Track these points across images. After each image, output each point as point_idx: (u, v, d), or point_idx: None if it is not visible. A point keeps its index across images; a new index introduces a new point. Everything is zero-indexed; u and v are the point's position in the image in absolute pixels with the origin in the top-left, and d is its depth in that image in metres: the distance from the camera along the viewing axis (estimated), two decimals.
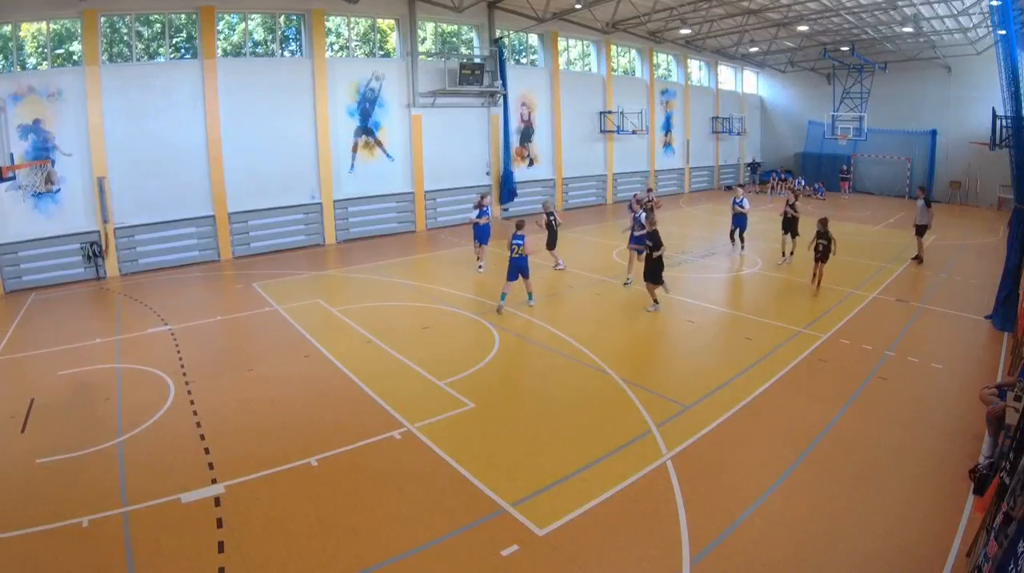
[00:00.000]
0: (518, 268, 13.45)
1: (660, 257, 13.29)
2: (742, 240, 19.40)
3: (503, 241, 14.96)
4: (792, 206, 17.93)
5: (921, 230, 18.12)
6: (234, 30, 20.67)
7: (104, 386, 10.17)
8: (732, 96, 39.43)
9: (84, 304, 15.82)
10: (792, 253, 17.83)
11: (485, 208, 17.67)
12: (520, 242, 13.31)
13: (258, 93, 20.28)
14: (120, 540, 6.20)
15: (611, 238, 19.96)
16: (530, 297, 14.06)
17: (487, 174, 26.49)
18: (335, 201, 22.21)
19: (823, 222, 14.76)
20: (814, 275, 14.92)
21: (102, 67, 17.60)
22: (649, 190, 23.32)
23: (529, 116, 27.96)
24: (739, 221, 19.15)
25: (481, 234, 17.45)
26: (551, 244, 17.21)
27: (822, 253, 14.63)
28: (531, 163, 28.35)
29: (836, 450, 7.77)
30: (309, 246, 21.84)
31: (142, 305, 15.05)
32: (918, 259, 18.13)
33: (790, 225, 17.92)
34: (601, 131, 30.95)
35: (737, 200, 19.16)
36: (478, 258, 17.70)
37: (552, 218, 17.07)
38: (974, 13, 24.30)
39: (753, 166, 39.77)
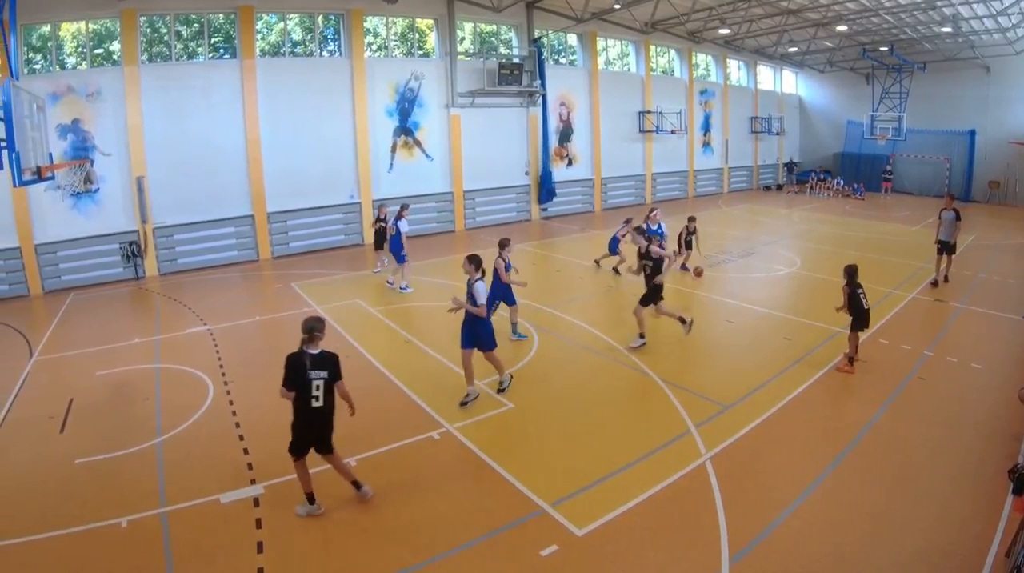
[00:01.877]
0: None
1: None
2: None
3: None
4: (645, 253, 10.81)
5: (948, 247, 14.98)
6: (272, 30, 20.74)
7: (143, 386, 10.14)
8: (771, 96, 38.70)
9: (123, 304, 15.90)
10: (642, 336, 11.14)
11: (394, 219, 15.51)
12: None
13: (297, 93, 20.28)
14: (159, 541, 6.16)
15: None
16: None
17: (526, 174, 26.24)
18: (374, 201, 22.03)
19: (849, 271, 9.86)
20: (853, 357, 10.05)
21: (141, 67, 17.73)
22: (628, 220, 16.84)
23: (568, 116, 27.62)
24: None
25: (396, 247, 15.34)
26: (378, 245, 16.47)
27: (856, 318, 9.86)
28: (570, 163, 28.00)
29: (875, 450, 7.69)
30: (348, 246, 21.78)
31: (181, 305, 15.05)
32: (936, 283, 15.14)
33: (653, 292, 10.87)
34: (640, 131, 30.49)
35: (652, 229, 14.09)
36: (393, 274, 15.93)
37: (383, 222, 16.02)
38: (1013, 13, 23.96)
39: (790, 166, 39.07)
